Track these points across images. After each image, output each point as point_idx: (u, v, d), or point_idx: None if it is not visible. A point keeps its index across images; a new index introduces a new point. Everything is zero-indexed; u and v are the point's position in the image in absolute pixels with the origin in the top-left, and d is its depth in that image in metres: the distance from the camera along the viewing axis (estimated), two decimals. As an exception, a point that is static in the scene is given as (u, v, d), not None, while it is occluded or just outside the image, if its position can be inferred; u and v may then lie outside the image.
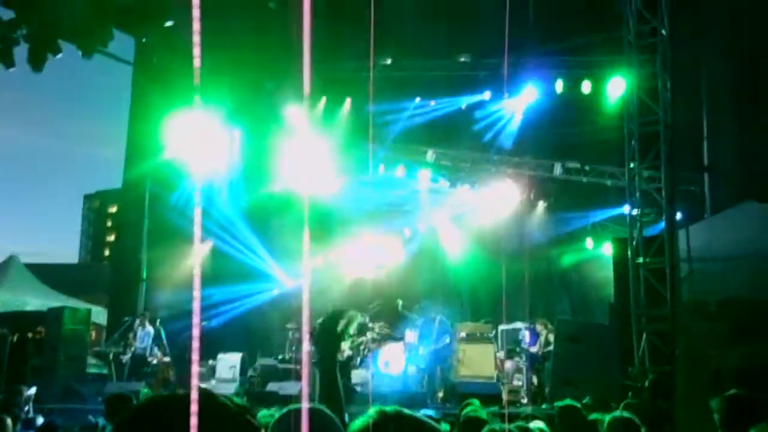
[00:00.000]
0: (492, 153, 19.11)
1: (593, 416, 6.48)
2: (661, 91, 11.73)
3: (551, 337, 15.12)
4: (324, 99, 18.89)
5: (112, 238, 77.19)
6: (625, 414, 5.37)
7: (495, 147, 18.95)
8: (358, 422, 1.80)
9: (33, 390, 10.92)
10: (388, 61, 17.95)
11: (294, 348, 17.73)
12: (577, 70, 16.43)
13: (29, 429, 7.50)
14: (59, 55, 15.70)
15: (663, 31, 11.70)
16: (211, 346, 15.60)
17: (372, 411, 1.87)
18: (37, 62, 15.65)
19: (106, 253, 79.70)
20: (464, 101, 18.22)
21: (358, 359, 16.85)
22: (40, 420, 8.14)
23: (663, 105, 11.69)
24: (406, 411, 1.89)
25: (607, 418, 5.33)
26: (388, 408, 1.85)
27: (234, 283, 18.90)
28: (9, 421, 6.56)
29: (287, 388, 13.90)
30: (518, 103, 17.95)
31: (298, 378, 15.93)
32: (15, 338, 17.73)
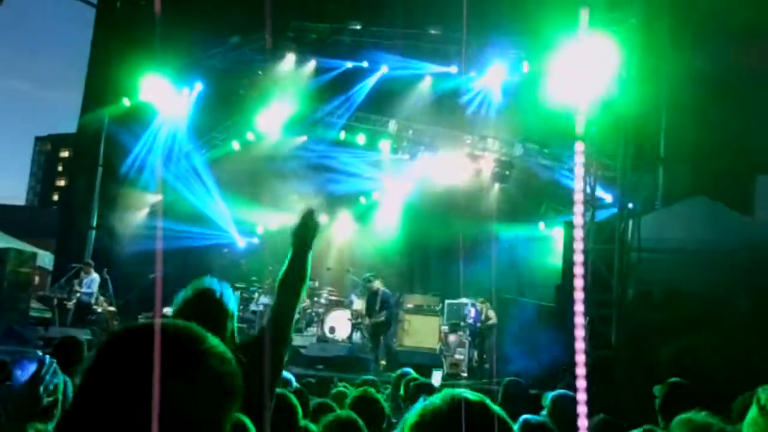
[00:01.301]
0: (454, 128, 19.16)
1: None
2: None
3: (491, 313, 15.39)
4: (293, 56, 18.69)
5: (62, 182, 75.89)
6: (566, 392, 5.49)
7: (459, 122, 19.01)
8: (431, 406, 1.78)
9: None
10: (358, 27, 17.82)
11: (241, 306, 17.73)
12: (543, 51, 16.46)
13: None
14: (20, -9, 15.40)
15: (633, 20, 11.79)
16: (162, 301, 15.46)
17: (450, 395, 1.81)
18: (-4, -3, 15.31)
19: (55, 197, 78.30)
20: (430, 70, 18.13)
21: (304, 323, 16.94)
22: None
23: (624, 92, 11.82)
24: (491, 405, 1.81)
25: (549, 394, 5.45)
26: (472, 396, 1.81)
27: (187, 241, 18.84)
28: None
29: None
30: (486, 81, 17.99)
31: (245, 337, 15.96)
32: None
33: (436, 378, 10.14)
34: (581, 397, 5.63)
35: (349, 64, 18.27)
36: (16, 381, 2.43)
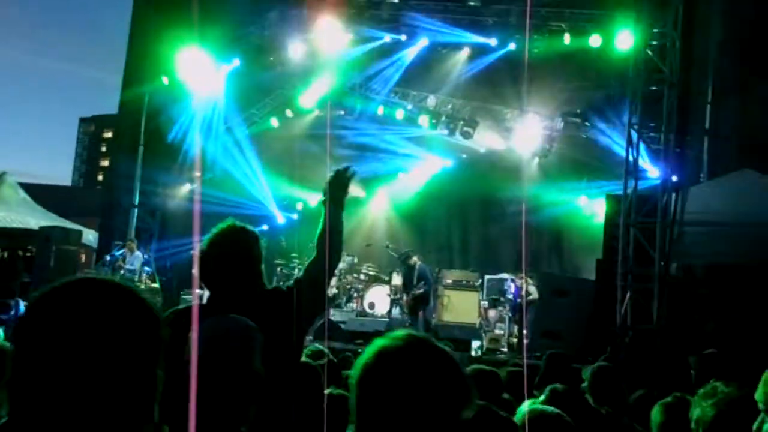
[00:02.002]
0: (493, 102, 18.99)
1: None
2: (669, 49, 11.62)
3: (531, 289, 15.26)
4: (331, 30, 18.58)
5: (106, 162, 77.05)
6: (607, 364, 5.44)
7: (499, 95, 18.84)
8: (383, 343, 1.80)
9: (22, 305, 11.00)
10: (395, 0, 17.67)
11: (281, 283, 17.84)
12: (584, 23, 16.17)
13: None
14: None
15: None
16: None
17: (401, 333, 1.86)
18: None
19: (100, 177, 79.54)
20: (469, 40, 17.85)
21: (345, 298, 17.02)
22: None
23: (670, 64, 11.59)
24: (435, 341, 1.86)
25: (590, 367, 5.40)
26: (419, 333, 1.86)
27: (225, 215, 18.95)
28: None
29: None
30: (523, 53, 17.71)
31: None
32: (5, 255, 17.80)
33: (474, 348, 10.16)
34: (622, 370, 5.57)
35: (387, 38, 18.09)
36: None
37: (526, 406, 3.36)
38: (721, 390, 2.78)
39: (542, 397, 4.50)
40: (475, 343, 10.95)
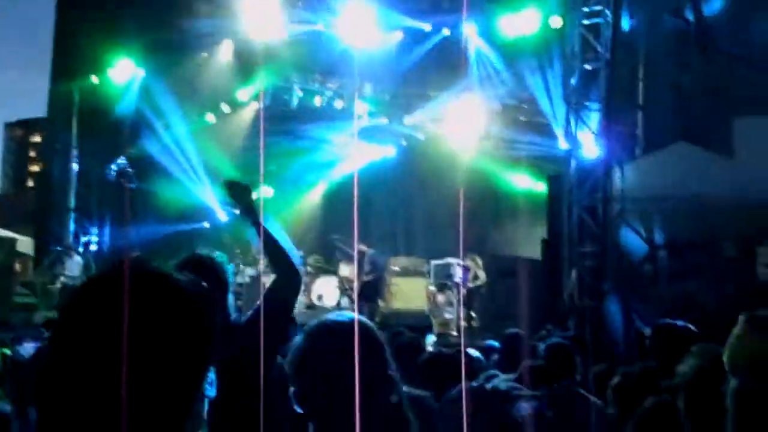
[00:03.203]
0: (430, 89, 19.03)
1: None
2: (603, 28, 11.78)
3: (479, 272, 15.38)
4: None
5: (35, 167, 75.00)
6: (561, 340, 5.51)
7: (433, 83, 18.86)
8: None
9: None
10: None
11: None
12: (518, 4, 16.26)
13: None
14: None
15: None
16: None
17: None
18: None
19: (30, 183, 77.38)
20: (402, 28, 17.83)
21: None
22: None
23: (604, 42, 11.75)
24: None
25: (543, 344, 5.46)
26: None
27: (165, 216, 18.76)
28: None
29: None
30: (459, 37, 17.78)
31: (237, 310, 15.92)
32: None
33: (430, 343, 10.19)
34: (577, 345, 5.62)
35: (321, 26, 17.90)
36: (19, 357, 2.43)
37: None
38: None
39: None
40: (430, 338, 10.97)
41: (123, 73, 18.15)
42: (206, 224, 19.74)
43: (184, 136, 19.20)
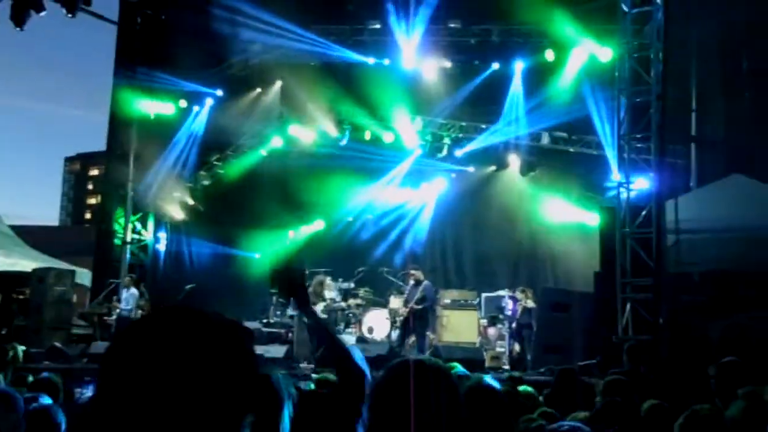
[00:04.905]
0: (479, 122, 19.08)
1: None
2: (654, 61, 11.74)
3: (529, 303, 15.23)
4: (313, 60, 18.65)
5: (92, 200, 76.78)
6: (620, 377, 5.44)
7: (481, 115, 18.94)
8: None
9: (20, 350, 10.85)
10: (377, 26, 17.79)
11: (279, 312, 17.80)
12: (567, 39, 16.30)
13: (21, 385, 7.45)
14: (43, 13, 15.54)
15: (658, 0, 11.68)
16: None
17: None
18: (19, 19, 15.49)
19: (87, 215, 79.21)
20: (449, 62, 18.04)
21: (342, 324, 16.95)
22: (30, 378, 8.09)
23: (655, 75, 11.70)
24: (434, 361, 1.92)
25: (602, 382, 5.40)
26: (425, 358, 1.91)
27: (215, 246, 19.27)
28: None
29: (273, 351, 14.05)
30: (509, 71, 17.87)
31: (283, 342, 16.05)
32: (-1, 299, 17.68)
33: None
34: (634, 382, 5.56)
35: (371, 60, 18.17)
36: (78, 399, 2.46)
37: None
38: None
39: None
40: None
41: (179, 109, 18.76)
42: (257, 255, 20.05)
43: (238, 169, 19.66)
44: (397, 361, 2.16)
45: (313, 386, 6.30)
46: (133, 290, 16.23)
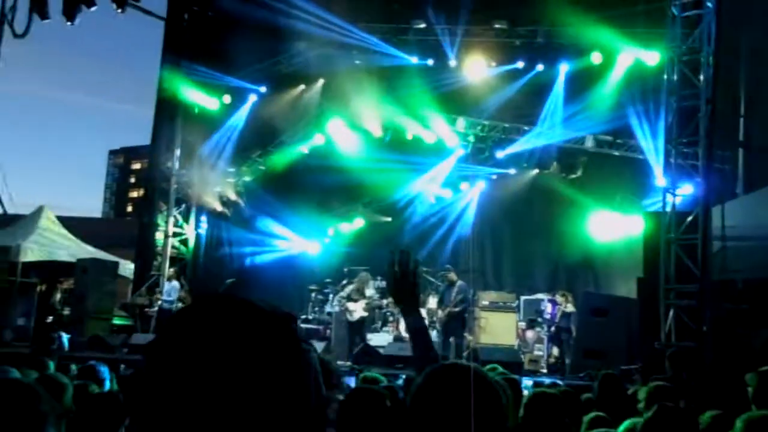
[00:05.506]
0: (521, 123, 18.96)
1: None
2: (704, 65, 11.57)
3: (569, 307, 15.13)
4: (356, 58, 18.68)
5: (135, 194, 77.89)
6: (664, 383, 5.38)
7: (524, 117, 18.82)
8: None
9: (65, 338, 11.11)
10: (422, 25, 17.76)
11: (317, 309, 17.92)
12: (612, 41, 16.13)
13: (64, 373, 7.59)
14: (93, 8, 15.82)
15: (709, 3, 11.50)
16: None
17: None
18: (71, 14, 15.78)
19: (129, 208, 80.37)
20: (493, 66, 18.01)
21: (380, 323, 17.00)
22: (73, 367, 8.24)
23: (705, 79, 11.53)
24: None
25: (644, 388, 5.34)
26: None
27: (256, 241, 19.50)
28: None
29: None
30: (552, 74, 17.74)
31: (321, 338, 16.14)
32: (44, 287, 18.00)
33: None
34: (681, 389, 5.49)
35: (414, 59, 18.16)
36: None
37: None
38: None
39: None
40: (527, 382, 10.74)
41: (224, 104, 18.98)
42: (293, 249, 20.30)
43: (283, 165, 19.83)
44: (439, 366, 2.12)
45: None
46: (175, 283, 16.46)
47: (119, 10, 16.30)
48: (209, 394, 1.13)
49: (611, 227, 17.72)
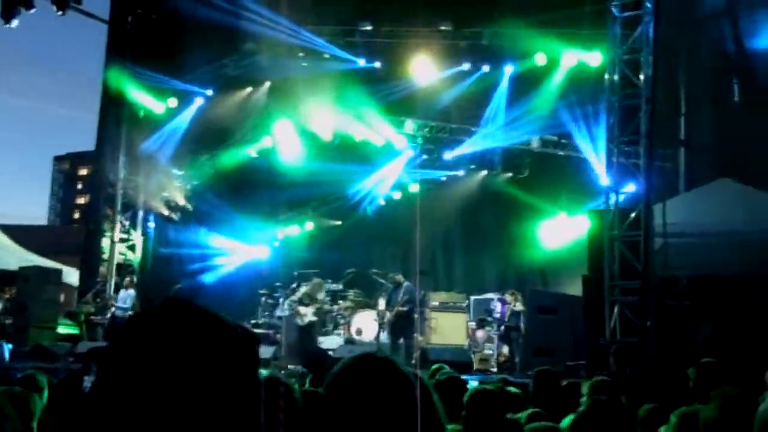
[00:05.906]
0: (467, 124, 19.11)
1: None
2: (643, 65, 11.79)
3: (518, 306, 15.27)
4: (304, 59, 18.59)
5: (82, 200, 76.50)
6: (605, 378, 5.46)
7: (471, 118, 18.96)
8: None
9: (6, 348, 10.84)
10: (369, 27, 17.77)
11: (267, 313, 17.79)
12: (558, 44, 16.35)
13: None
14: (32, 10, 15.47)
15: (648, 4, 11.72)
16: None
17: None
18: (8, 16, 15.41)
19: (76, 215, 78.86)
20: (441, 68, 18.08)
21: (331, 326, 16.96)
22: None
23: (644, 79, 11.75)
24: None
25: (587, 382, 5.41)
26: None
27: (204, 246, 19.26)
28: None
29: (260, 352, 13.98)
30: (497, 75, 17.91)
31: (271, 342, 16.03)
32: (-15, 297, 17.58)
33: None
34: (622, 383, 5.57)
35: (362, 62, 18.16)
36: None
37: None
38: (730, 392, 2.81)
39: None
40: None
41: (169, 108, 18.71)
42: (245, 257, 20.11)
43: (231, 168, 19.62)
44: (352, 357, 2.12)
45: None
46: (131, 291, 16.20)
47: (60, 12, 15.96)
48: (161, 402, 1.12)
49: (560, 233, 17.92)
